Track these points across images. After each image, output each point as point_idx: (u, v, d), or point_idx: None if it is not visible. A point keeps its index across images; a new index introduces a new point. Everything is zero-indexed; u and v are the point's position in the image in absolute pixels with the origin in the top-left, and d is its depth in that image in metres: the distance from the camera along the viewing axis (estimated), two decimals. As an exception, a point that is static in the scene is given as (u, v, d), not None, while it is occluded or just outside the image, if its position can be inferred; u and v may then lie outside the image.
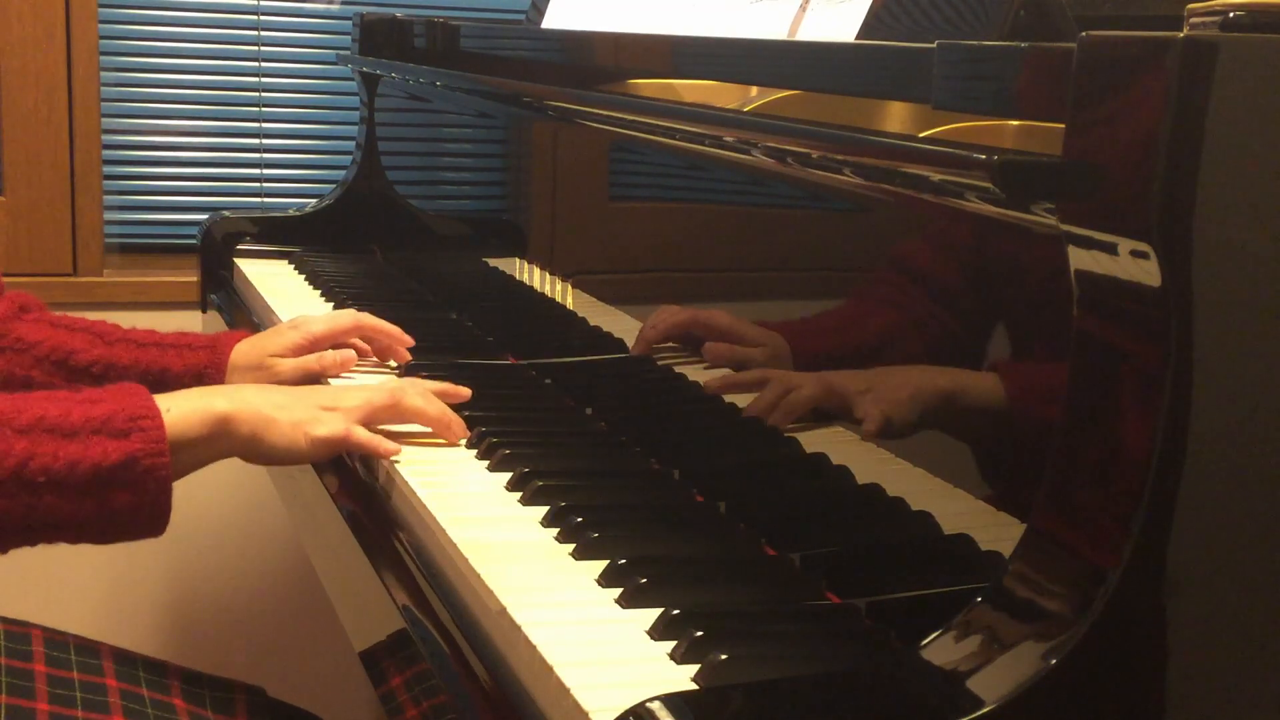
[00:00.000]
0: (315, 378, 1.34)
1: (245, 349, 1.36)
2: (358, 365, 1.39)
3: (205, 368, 1.33)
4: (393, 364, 1.42)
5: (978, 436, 0.85)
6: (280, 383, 1.31)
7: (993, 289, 0.85)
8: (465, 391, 1.22)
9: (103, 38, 2.19)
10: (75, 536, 1.01)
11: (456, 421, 1.16)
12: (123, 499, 0.99)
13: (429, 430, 1.17)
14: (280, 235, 1.99)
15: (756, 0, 1.29)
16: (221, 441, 1.08)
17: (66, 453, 0.97)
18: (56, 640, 1.11)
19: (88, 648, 1.11)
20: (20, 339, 1.33)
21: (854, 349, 0.97)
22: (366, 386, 1.19)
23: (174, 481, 1.02)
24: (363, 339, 1.42)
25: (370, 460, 1.14)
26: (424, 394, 1.17)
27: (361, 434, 1.11)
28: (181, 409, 1.05)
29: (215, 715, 1.10)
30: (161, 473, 1.00)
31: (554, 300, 1.45)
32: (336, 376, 1.35)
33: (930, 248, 0.91)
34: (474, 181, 1.87)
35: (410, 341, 1.41)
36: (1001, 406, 0.82)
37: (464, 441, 1.16)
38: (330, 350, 1.37)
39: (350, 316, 1.41)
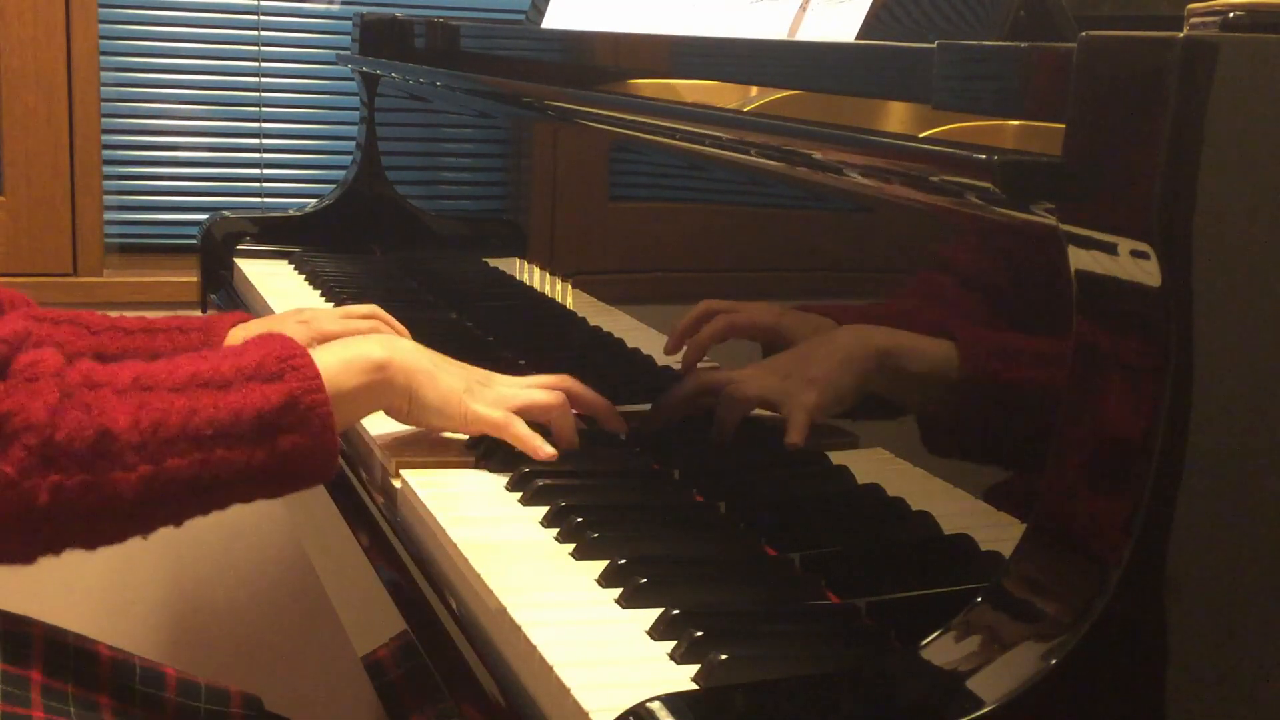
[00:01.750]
0: None
1: (242, 335, 1.29)
2: None
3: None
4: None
5: (927, 401, 0.84)
6: None
7: (982, 280, 0.85)
8: (622, 424, 1.16)
9: (103, 38, 2.19)
10: (248, 492, 0.98)
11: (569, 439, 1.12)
12: (291, 441, 0.97)
13: (429, 429, 1.14)
14: (280, 235, 1.99)
15: (756, 0, 1.29)
16: (378, 390, 1.05)
17: (227, 403, 0.95)
18: (55, 642, 1.09)
19: (85, 652, 1.09)
20: None
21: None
22: (530, 379, 1.16)
23: (337, 433, 0.99)
24: None
25: (370, 460, 1.14)
26: (569, 415, 1.13)
27: (522, 428, 1.08)
28: (336, 356, 1.02)
29: (210, 725, 1.09)
30: (322, 409, 0.97)
31: (554, 300, 1.45)
32: None
33: (928, 248, 0.90)
34: (474, 181, 1.87)
35: None
36: (950, 368, 0.82)
37: (464, 442, 1.16)
38: None
39: (367, 321, 1.35)
